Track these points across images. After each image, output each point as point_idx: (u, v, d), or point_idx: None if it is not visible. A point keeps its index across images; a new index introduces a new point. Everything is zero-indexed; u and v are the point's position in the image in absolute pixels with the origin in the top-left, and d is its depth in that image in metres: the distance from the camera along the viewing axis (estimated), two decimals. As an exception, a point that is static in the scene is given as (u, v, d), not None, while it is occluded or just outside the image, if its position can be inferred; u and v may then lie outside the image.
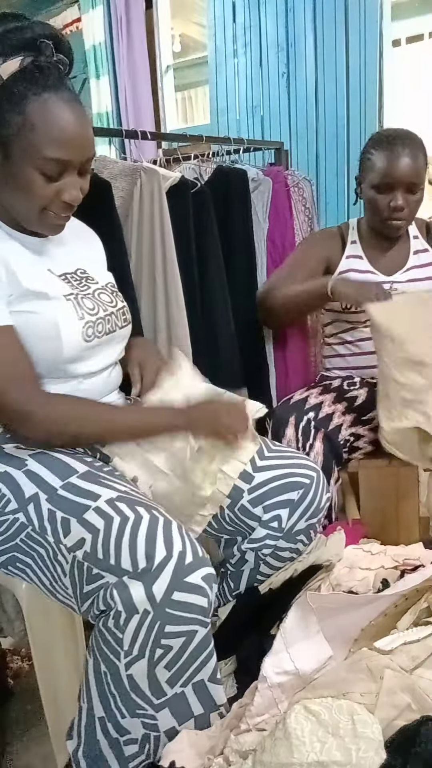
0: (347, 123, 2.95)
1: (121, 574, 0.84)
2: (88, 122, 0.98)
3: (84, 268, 1.12)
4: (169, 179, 1.55)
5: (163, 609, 0.82)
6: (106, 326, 1.08)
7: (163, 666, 0.85)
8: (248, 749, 0.81)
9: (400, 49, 3.02)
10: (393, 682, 0.80)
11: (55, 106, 0.92)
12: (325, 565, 1.19)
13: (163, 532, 0.87)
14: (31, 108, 0.91)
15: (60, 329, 0.98)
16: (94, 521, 0.88)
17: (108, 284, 1.14)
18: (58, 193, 0.96)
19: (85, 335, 1.02)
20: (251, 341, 1.87)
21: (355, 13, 2.83)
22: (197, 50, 3.85)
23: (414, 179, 1.49)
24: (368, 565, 1.22)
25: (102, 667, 0.87)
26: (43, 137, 0.91)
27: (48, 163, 0.92)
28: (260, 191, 1.91)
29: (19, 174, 0.93)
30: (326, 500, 1.18)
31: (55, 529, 0.90)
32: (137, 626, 0.83)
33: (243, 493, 1.14)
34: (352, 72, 2.90)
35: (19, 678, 1.44)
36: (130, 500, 0.91)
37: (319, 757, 0.71)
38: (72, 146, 0.94)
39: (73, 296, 1.03)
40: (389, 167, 1.49)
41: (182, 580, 0.84)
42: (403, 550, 1.27)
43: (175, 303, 1.56)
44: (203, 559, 0.87)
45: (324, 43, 2.94)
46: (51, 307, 0.99)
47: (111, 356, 1.12)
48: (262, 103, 3.21)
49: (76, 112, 0.94)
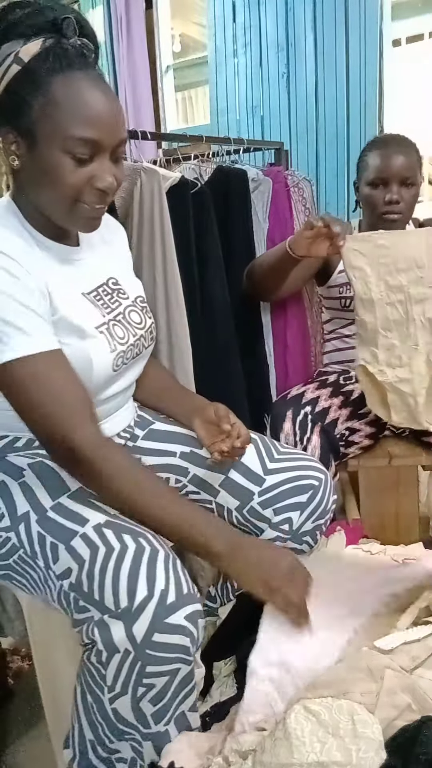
0: (347, 123, 2.95)
1: (103, 612, 0.83)
2: (118, 102, 0.90)
3: (115, 277, 1.07)
4: (169, 179, 1.55)
5: (143, 650, 0.80)
6: (134, 351, 1.05)
7: (147, 701, 0.84)
8: (248, 749, 0.81)
9: (400, 49, 3.02)
10: (393, 682, 0.80)
11: (82, 84, 0.85)
12: (325, 565, 1.19)
13: (146, 566, 0.83)
14: (55, 86, 0.84)
15: (92, 364, 0.95)
16: (81, 550, 0.86)
17: (138, 298, 1.10)
18: (91, 179, 0.88)
19: (115, 365, 0.99)
20: (251, 341, 1.87)
21: (355, 13, 2.83)
22: (197, 50, 3.85)
23: (406, 173, 1.54)
24: (368, 565, 1.22)
25: (89, 698, 0.87)
26: (69, 114, 0.84)
27: (76, 143, 0.85)
28: (260, 191, 1.91)
29: (46, 161, 0.86)
30: (333, 502, 1.18)
31: (45, 554, 0.89)
32: (119, 665, 0.82)
33: (253, 496, 1.14)
34: (352, 72, 2.90)
35: (19, 678, 1.44)
36: (117, 527, 0.89)
37: (319, 757, 0.71)
38: (101, 125, 0.86)
39: (105, 327, 0.98)
40: (382, 162, 1.55)
41: (163, 622, 0.81)
42: (403, 550, 1.27)
43: (175, 303, 1.56)
44: (187, 596, 0.84)
45: (324, 43, 2.94)
46: (85, 343, 0.94)
47: (132, 376, 1.10)
48: (262, 103, 3.21)
49: (104, 91, 0.87)
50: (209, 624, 1.23)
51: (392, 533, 1.50)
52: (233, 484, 1.15)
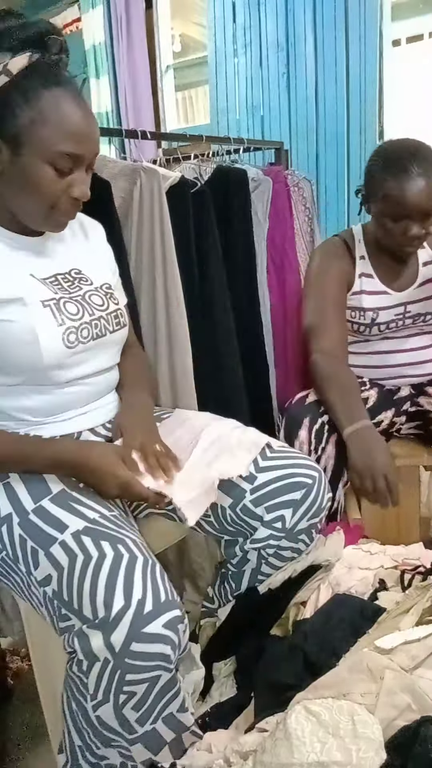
0: (347, 123, 2.95)
1: (83, 621, 0.84)
2: (95, 118, 0.99)
3: (79, 267, 1.10)
4: (169, 179, 1.55)
5: (122, 659, 0.81)
6: (93, 331, 1.05)
7: (130, 708, 0.85)
8: (249, 750, 0.81)
9: (400, 49, 3.02)
10: (393, 683, 0.80)
11: (67, 102, 0.93)
12: (324, 565, 1.19)
13: (124, 575, 0.84)
14: (44, 103, 0.91)
15: (38, 335, 0.96)
16: (60, 557, 0.88)
17: (103, 285, 1.12)
18: (68, 188, 0.96)
19: (67, 341, 1.00)
20: (251, 341, 1.87)
21: (355, 13, 2.83)
22: (197, 50, 3.85)
23: (430, 206, 1.37)
24: (367, 565, 1.22)
25: (73, 705, 0.89)
26: (57, 132, 0.92)
27: (61, 157, 0.93)
28: (260, 191, 1.91)
29: (29, 169, 0.93)
30: (327, 500, 1.18)
31: (26, 559, 0.90)
32: (99, 673, 0.83)
33: (245, 494, 1.14)
34: (352, 72, 2.90)
35: (19, 678, 1.44)
36: (96, 533, 0.90)
37: (320, 757, 0.71)
38: (84, 141, 0.95)
39: (53, 301, 1.00)
40: (404, 198, 1.35)
41: (140, 631, 0.81)
42: (403, 550, 1.27)
43: (175, 303, 1.56)
44: (166, 604, 0.84)
45: (324, 43, 2.94)
46: (27, 314, 0.97)
47: (101, 362, 1.10)
48: (262, 103, 3.21)
49: (84, 109, 0.96)
50: (208, 625, 1.23)
51: (393, 533, 1.50)
52: (225, 482, 1.14)
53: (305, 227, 2.11)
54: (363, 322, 1.54)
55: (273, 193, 1.95)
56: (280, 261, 1.97)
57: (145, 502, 1.02)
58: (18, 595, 0.96)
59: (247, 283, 1.85)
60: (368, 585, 1.15)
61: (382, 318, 1.53)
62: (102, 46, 3.72)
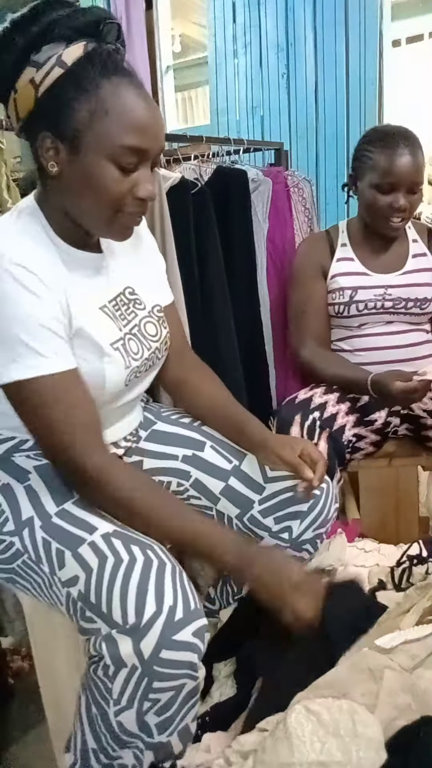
0: (347, 123, 2.96)
1: (111, 626, 0.82)
2: (159, 110, 0.90)
3: (132, 286, 1.04)
4: (169, 180, 1.55)
5: (150, 666, 0.80)
6: (148, 364, 1.03)
7: (152, 713, 0.84)
8: (249, 749, 0.82)
9: (400, 49, 3.02)
10: (393, 682, 0.80)
11: (129, 91, 0.84)
12: (327, 569, 1.19)
13: (155, 580, 0.83)
14: (104, 93, 0.82)
15: (105, 380, 0.94)
16: (89, 558, 0.86)
17: (154, 308, 1.07)
18: (133, 188, 0.87)
19: (127, 381, 0.99)
20: (251, 341, 1.87)
21: (355, 13, 2.83)
22: (197, 50, 3.86)
23: (416, 178, 1.47)
24: (362, 563, 1.23)
25: (93, 709, 0.87)
26: (119, 124, 0.83)
27: (125, 152, 0.84)
28: (260, 192, 1.91)
29: (91, 169, 0.84)
30: (334, 511, 1.17)
31: (50, 559, 0.88)
32: (125, 679, 0.82)
33: (253, 504, 1.13)
34: (352, 72, 2.91)
35: (19, 678, 1.44)
36: (126, 537, 0.88)
37: (320, 756, 0.71)
38: (149, 134, 0.85)
39: (121, 343, 0.97)
40: (392, 167, 1.44)
41: (171, 639, 0.80)
42: (398, 549, 1.27)
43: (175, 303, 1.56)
44: (195, 612, 0.83)
45: (324, 43, 2.95)
46: (101, 361, 0.93)
47: (143, 387, 1.09)
48: (262, 103, 3.22)
49: (148, 99, 0.87)
50: (209, 625, 1.23)
51: (392, 533, 1.50)
52: (233, 492, 1.14)
53: (305, 227, 2.11)
54: (342, 301, 1.56)
55: (273, 194, 1.95)
56: (280, 261, 1.97)
57: None
58: (35, 595, 0.94)
59: (247, 284, 1.85)
60: (363, 582, 1.15)
61: (361, 296, 1.55)
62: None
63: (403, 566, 1.13)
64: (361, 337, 1.59)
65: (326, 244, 1.64)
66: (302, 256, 1.69)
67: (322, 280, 1.61)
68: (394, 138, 1.46)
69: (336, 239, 1.64)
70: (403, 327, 1.58)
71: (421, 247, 1.63)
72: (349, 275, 1.58)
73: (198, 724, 0.96)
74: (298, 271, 1.68)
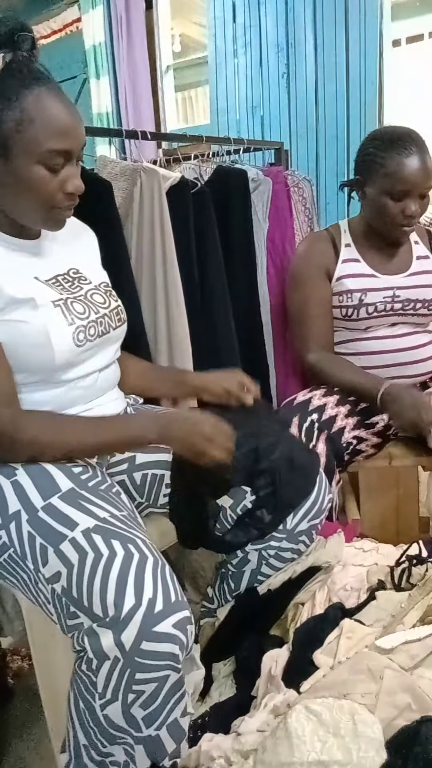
0: (347, 123, 2.96)
1: (93, 619, 0.84)
2: (77, 109, 0.98)
3: (77, 267, 1.10)
4: (169, 179, 1.55)
5: (132, 657, 0.81)
6: (99, 329, 1.06)
7: (137, 706, 0.85)
8: (249, 749, 0.82)
9: (400, 49, 3.02)
10: (393, 682, 0.80)
11: (49, 99, 0.92)
12: (323, 566, 1.19)
13: (134, 574, 0.84)
14: (26, 103, 0.91)
15: (50, 336, 0.97)
16: (69, 555, 0.87)
17: (101, 284, 1.13)
18: (62, 185, 0.96)
19: (77, 340, 1.01)
20: (251, 341, 1.87)
21: (355, 13, 2.83)
22: (197, 50, 3.86)
23: (428, 183, 1.44)
24: (361, 562, 1.23)
25: (80, 704, 0.88)
26: (44, 130, 0.91)
27: (52, 155, 0.93)
28: (260, 191, 1.91)
29: (22, 173, 0.93)
30: (328, 501, 1.18)
31: (35, 556, 0.90)
32: (108, 672, 0.83)
33: (246, 494, 1.14)
34: (352, 72, 2.91)
35: (19, 678, 1.44)
36: (107, 531, 0.89)
37: (320, 756, 0.71)
38: (72, 135, 0.94)
39: (61, 302, 1.01)
40: (406, 174, 1.41)
41: (151, 630, 0.81)
42: (397, 549, 1.27)
43: (175, 303, 1.56)
44: (176, 604, 0.85)
45: (324, 43, 2.95)
46: (39, 315, 0.98)
47: (105, 358, 1.11)
48: (262, 103, 3.22)
49: (66, 102, 0.95)
50: (207, 625, 1.23)
51: (392, 533, 1.50)
52: None
53: (305, 227, 2.11)
54: (350, 303, 1.53)
55: (273, 194, 1.95)
56: (280, 261, 1.97)
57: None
58: (23, 593, 0.96)
59: (247, 284, 1.85)
60: (362, 581, 1.15)
61: (370, 299, 1.53)
62: (102, 47, 3.72)
63: (403, 566, 1.13)
64: (367, 340, 1.57)
65: (329, 244, 1.60)
66: (303, 257, 1.64)
67: (326, 281, 1.57)
68: (406, 143, 1.43)
69: (339, 239, 1.60)
70: (408, 329, 1.57)
71: (423, 249, 1.62)
72: (356, 277, 1.55)
73: (198, 724, 0.96)
74: (300, 271, 1.63)
